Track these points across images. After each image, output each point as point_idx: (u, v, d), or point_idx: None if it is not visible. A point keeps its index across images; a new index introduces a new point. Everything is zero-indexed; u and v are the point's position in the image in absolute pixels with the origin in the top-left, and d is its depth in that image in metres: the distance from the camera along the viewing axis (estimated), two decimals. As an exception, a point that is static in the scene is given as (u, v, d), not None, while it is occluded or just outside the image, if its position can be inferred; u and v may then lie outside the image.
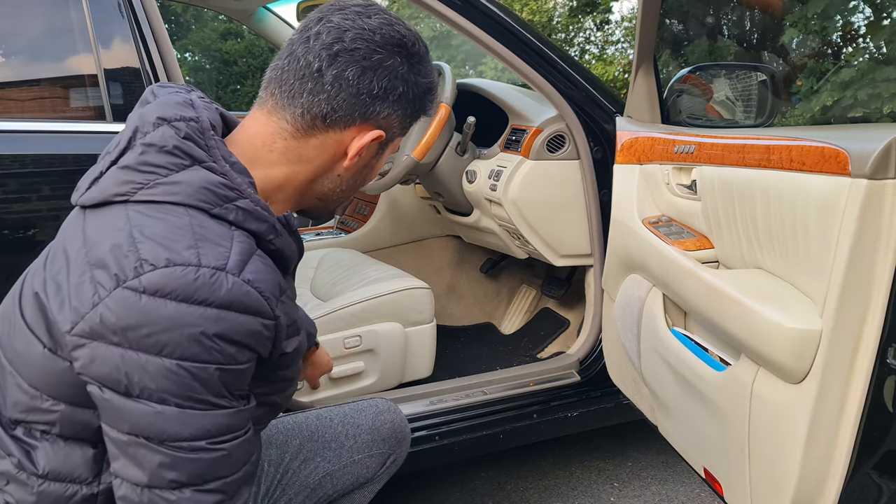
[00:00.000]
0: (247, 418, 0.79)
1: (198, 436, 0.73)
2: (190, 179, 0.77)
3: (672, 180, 1.42)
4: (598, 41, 11.86)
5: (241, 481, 0.79)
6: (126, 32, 1.34)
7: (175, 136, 0.78)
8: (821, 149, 0.98)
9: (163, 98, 0.83)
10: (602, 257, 1.81)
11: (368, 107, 0.83)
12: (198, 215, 0.76)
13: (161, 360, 0.71)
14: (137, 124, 0.80)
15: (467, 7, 1.62)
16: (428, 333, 1.87)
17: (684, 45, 8.48)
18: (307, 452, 1.19)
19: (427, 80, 0.88)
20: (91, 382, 0.74)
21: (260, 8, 2.58)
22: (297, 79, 0.82)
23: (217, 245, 0.74)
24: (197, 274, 0.71)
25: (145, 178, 0.77)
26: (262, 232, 0.81)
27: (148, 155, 0.77)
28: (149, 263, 0.71)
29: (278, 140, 0.84)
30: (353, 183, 0.93)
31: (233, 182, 0.78)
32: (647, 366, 1.48)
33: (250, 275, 0.75)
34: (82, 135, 1.33)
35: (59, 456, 0.80)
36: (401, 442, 1.27)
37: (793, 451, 1.02)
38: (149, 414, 0.72)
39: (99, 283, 0.72)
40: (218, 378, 0.73)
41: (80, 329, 0.72)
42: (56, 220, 1.28)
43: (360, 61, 0.81)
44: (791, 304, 1.02)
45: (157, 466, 0.73)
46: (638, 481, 1.97)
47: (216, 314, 0.72)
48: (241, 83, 11.28)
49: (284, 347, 0.84)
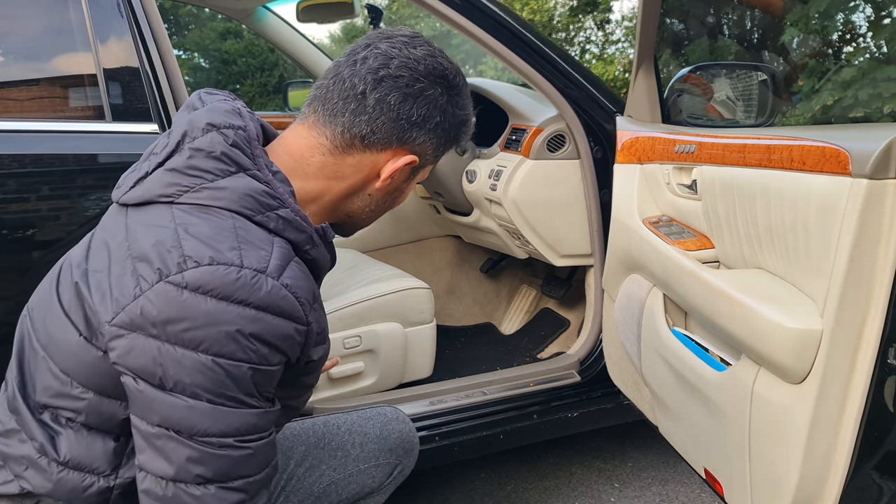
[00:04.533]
0: (272, 421, 0.81)
1: (227, 432, 0.75)
2: (235, 186, 0.79)
3: (672, 180, 1.42)
4: (598, 41, 11.86)
5: (261, 483, 0.81)
6: (125, 32, 1.34)
7: (223, 142, 0.81)
8: (821, 148, 0.98)
9: (211, 105, 0.86)
10: (602, 257, 1.80)
11: (406, 132, 0.87)
12: (241, 220, 0.79)
13: (197, 355, 0.73)
14: (186, 128, 0.82)
15: (467, 6, 1.61)
16: (428, 333, 1.87)
17: (685, 44, 8.48)
18: (312, 459, 1.18)
19: (464, 112, 0.92)
20: (126, 373, 0.75)
21: (260, 8, 2.58)
22: (340, 98, 0.85)
23: (259, 249, 0.77)
24: (239, 274, 0.74)
25: (192, 182, 0.79)
26: (301, 241, 0.84)
27: (196, 159, 0.80)
28: (192, 260, 0.74)
29: (317, 154, 0.87)
30: (383, 204, 0.96)
31: (275, 191, 0.81)
32: (648, 366, 1.48)
33: (288, 280, 0.77)
34: (82, 135, 1.33)
35: (82, 445, 0.82)
36: (408, 452, 1.25)
37: (793, 452, 1.02)
38: (181, 407, 0.73)
39: (141, 277, 0.74)
40: (250, 377, 0.75)
41: (120, 320, 0.74)
42: (56, 220, 1.28)
43: (402, 88, 0.85)
44: (792, 305, 1.02)
45: (185, 460, 0.74)
46: (638, 482, 1.97)
47: (254, 314, 0.74)
48: (240, 83, 11.27)
49: (311, 355, 0.86)
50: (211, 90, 0.92)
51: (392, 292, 1.79)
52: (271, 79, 11.16)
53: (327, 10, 2.41)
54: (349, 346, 1.75)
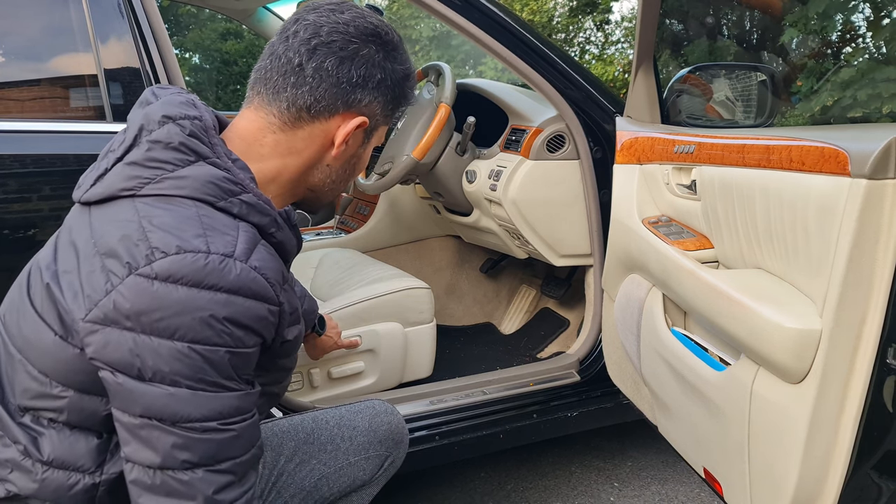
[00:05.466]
0: (254, 402, 0.82)
1: (210, 416, 0.76)
2: (196, 174, 0.80)
3: (672, 180, 1.42)
4: (597, 41, 11.86)
5: (248, 464, 0.81)
6: (126, 32, 1.34)
7: (181, 133, 0.81)
8: (820, 149, 0.98)
9: (165, 98, 0.86)
10: (602, 257, 1.81)
11: (349, 94, 0.87)
12: (204, 207, 0.79)
13: (173, 343, 0.73)
14: (143, 122, 0.83)
15: (467, 7, 1.62)
16: (428, 333, 1.87)
17: (684, 45, 8.48)
18: (302, 455, 1.18)
19: (403, 66, 0.92)
20: (104, 368, 0.76)
21: (260, 8, 2.58)
22: (279, 75, 0.86)
23: (224, 234, 0.78)
24: (207, 260, 0.74)
25: (152, 174, 0.80)
26: (265, 225, 0.84)
27: (154, 151, 0.80)
28: (160, 251, 0.74)
29: (268, 134, 0.88)
30: (343, 173, 0.96)
31: (236, 177, 0.82)
32: (647, 366, 1.48)
33: (256, 262, 0.78)
34: (82, 135, 1.33)
35: (65, 444, 0.82)
36: (398, 444, 1.26)
37: (792, 451, 1.02)
38: (162, 396, 0.74)
39: (111, 272, 0.75)
40: (228, 361, 0.76)
41: (94, 315, 0.75)
42: (57, 220, 1.28)
43: (337, 52, 0.86)
44: (791, 304, 1.02)
45: (171, 447, 0.75)
46: (638, 481, 1.97)
47: (225, 298, 0.75)
48: (240, 83, 11.26)
49: (286, 335, 0.88)
50: (163, 85, 0.93)
51: (392, 292, 1.80)
52: (271, 79, 11.14)
53: (327, 10, 2.40)
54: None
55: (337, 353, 1.71)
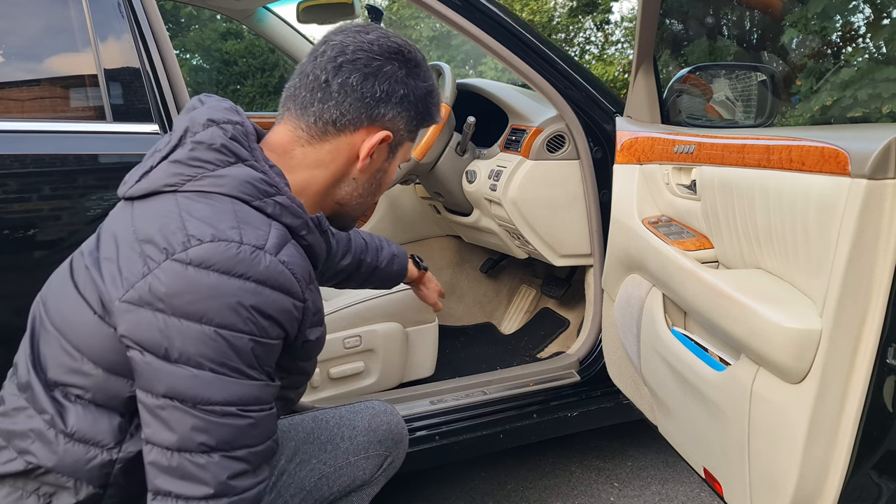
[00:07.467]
0: (272, 395, 0.85)
1: (230, 401, 0.79)
2: (235, 174, 0.85)
3: (672, 180, 1.42)
4: (598, 41, 11.87)
5: (263, 456, 0.84)
6: (126, 32, 1.34)
7: (223, 135, 0.87)
8: (820, 149, 0.98)
9: (211, 104, 0.93)
10: (602, 257, 1.81)
11: (373, 109, 0.92)
12: (240, 204, 0.85)
13: (201, 326, 0.77)
14: (188, 124, 0.89)
15: (467, 7, 1.62)
16: (430, 333, 1.88)
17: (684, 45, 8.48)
18: (303, 454, 1.20)
19: (426, 83, 0.97)
20: (133, 346, 0.79)
21: (260, 8, 2.58)
22: (308, 91, 0.92)
23: (257, 229, 0.83)
24: (238, 250, 0.79)
25: (194, 171, 0.85)
26: (297, 227, 0.89)
27: (198, 151, 0.86)
28: (196, 238, 0.79)
29: (297, 147, 0.93)
30: (370, 188, 1.00)
31: (272, 180, 0.87)
32: (647, 366, 1.48)
33: (286, 257, 0.83)
34: (82, 135, 1.33)
35: (89, 419, 0.86)
36: (398, 443, 1.27)
37: (792, 451, 1.02)
38: (185, 377, 0.77)
39: (149, 257, 0.80)
40: (251, 349, 0.79)
41: (130, 296, 0.79)
42: (57, 220, 1.28)
43: (361, 69, 0.91)
44: (791, 304, 1.02)
45: (190, 429, 0.78)
46: (638, 481, 1.97)
47: (254, 287, 0.79)
48: (241, 83, 11.27)
49: (308, 335, 0.91)
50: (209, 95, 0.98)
51: (392, 292, 1.80)
52: (272, 79, 11.16)
53: (327, 10, 2.41)
54: (349, 346, 1.75)
55: (337, 353, 1.72)
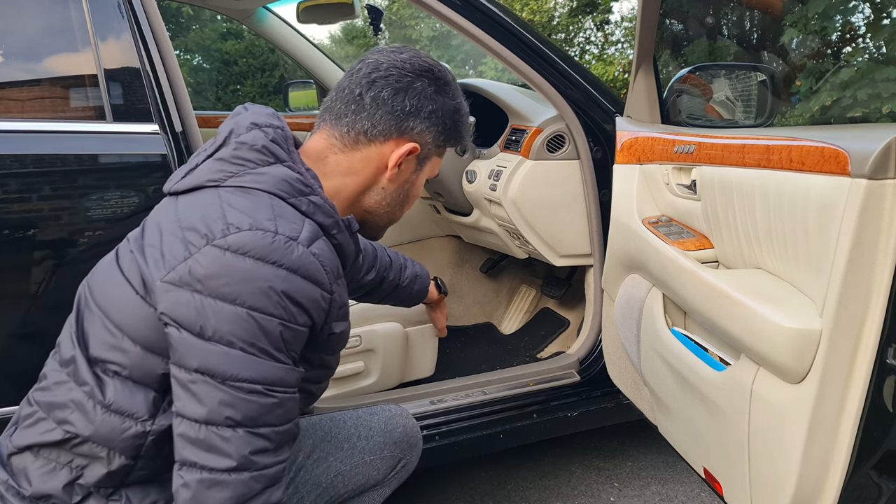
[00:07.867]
0: (298, 380, 0.90)
1: (256, 379, 0.84)
2: (273, 173, 0.93)
3: (672, 180, 1.43)
4: (598, 41, 11.87)
5: (284, 436, 0.89)
6: (126, 32, 1.34)
7: (264, 137, 0.95)
8: (820, 149, 0.98)
9: (254, 110, 1.01)
10: (602, 257, 1.81)
11: (403, 122, 1.00)
12: (277, 200, 0.91)
13: (234, 307, 0.83)
14: (233, 127, 0.97)
15: (467, 7, 1.62)
16: (430, 333, 1.88)
17: (684, 45, 8.48)
18: (320, 452, 1.24)
19: (454, 101, 1.04)
20: (171, 324, 0.85)
21: (260, 8, 2.58)
22: (342, 104, 1.00)
23: (291, 222, 0.89)
24: (274, 239, 0.86)
25: (236, 169, 0.93)
26: (328, 225, 0.95)
27: (240, 151, 0.94)
28: (234, 226, 0.86)
29: (330, 155, 1.01)
30: (398, 198, 1.07)
31: (307, 181, 0.94)
32: (647, 366, 1.48)
33: (317, 249, 0.89)
34: (83, 135, 1.33)
35: (126, 392, 0.91)
36: (412, 447, 1.31)
37: (792, 451, 1.02)
38: (217, 353, 0.83)
39: (190, 243, 0.87)
40: (280, 333, 0.85)
41: (171, 277, 0.86)
42: (57, 220, 1.28)
43: (392, 84, 0.99)
44: (791, 304, 1.02)
45: (218, 403, 0.83)
46: (638, 481, 1.97)
47: (285, 274, 0.85)
48: (241, 83, 11.28)
49: (333, 327, 0.97)
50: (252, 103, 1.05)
51: (392, 292, 1.79)
52: (272, 79, 11.17)
53: (327, 10, 2.41)
54: (349, 346, 1.75)
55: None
